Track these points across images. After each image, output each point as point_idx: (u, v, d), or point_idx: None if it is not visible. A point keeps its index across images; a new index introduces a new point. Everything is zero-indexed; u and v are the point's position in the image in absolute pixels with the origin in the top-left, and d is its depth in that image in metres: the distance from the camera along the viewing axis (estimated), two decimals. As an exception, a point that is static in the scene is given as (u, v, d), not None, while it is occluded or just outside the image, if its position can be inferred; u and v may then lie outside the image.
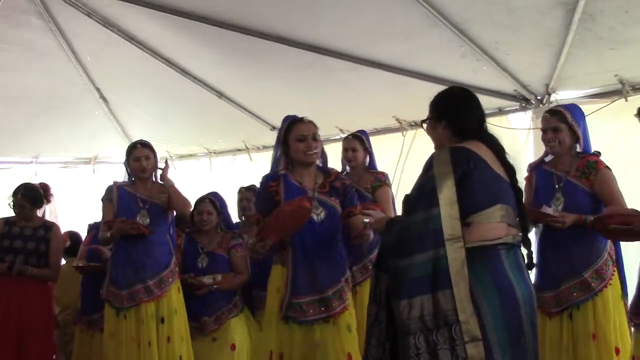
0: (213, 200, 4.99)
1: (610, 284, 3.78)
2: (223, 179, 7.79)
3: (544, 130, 3.98)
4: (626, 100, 4.97)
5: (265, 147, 7.85)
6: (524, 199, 2.91)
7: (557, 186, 3.87)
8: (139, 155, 4.67)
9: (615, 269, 3.82)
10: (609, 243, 3.83)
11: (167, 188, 4.64)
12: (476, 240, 2.56)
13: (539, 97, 5.59)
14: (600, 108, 5.03)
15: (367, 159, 4.96)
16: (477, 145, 2.68)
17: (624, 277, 3.91)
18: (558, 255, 3.80)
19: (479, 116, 2.82)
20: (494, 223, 2.62)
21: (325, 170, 3.85)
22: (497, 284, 2.53)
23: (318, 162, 3.85)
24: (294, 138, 3.71)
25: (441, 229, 2.51)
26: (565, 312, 3.80)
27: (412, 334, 2.47)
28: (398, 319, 2.51)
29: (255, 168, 7.54)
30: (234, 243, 4.92)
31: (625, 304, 3.83)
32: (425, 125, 2.90)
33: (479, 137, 2.74)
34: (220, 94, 6.82)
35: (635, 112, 3.74)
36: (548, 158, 4.06)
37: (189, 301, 4.68)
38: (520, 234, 2.74)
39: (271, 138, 6.81)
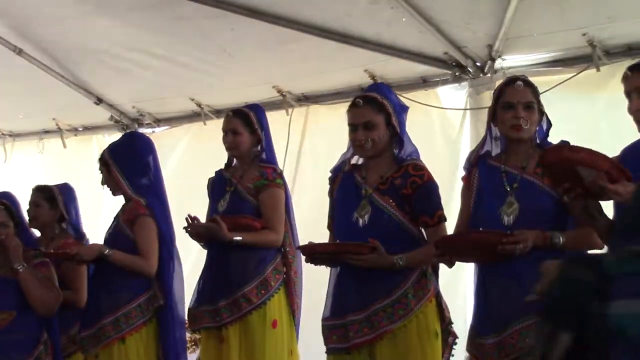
0: (7, 205, 4.45)
1: None
2: (23, 174, 7.07)
3: (509, 104, 3.42)
4: (598, 70, 4.51)
5: (87, 129, 6.95)
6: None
7: (507, 188, 3.35)
8: None
9: None
10: None
11: None
12: None
13: (479, 64, 5.01)
14: (561, 82, 4.57)
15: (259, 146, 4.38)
16: None
17: None
18: (506, 288, 3.28)
19: None
20: None
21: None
22: None
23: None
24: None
25: None
26: None
27: None
28: None
29: (71, 158, 6.94)
30: (36, 263, 4.47)
31: None
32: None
33: None
34: (20, 50, 5.79)
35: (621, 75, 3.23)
36: (492, 149, 3.52)
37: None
38: None
39: (97, 115, 6.81)
